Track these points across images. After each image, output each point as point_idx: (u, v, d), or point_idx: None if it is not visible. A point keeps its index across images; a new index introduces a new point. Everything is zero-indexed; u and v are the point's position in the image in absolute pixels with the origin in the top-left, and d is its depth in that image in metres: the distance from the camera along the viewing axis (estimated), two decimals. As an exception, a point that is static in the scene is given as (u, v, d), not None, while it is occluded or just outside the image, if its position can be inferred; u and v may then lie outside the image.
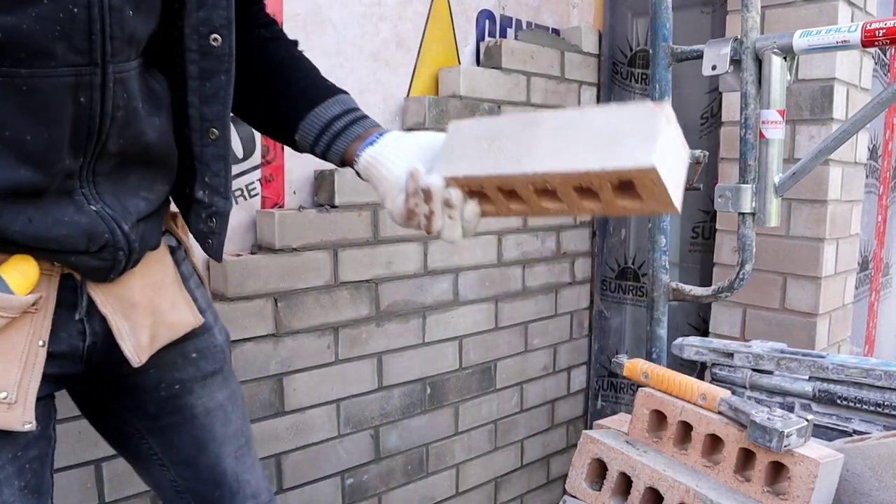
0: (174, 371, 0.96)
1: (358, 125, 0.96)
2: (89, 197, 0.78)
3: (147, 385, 0.95)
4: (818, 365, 1.38)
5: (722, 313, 2.13)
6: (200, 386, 0.98)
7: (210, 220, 0.92)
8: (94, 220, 0.78)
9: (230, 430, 1.01)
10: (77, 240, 0.77)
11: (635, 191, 0.72)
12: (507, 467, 2.40)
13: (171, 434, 0.97)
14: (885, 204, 2.51)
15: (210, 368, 0.99)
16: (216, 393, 1.00)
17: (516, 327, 2.34)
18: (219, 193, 0.91)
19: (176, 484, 1.00)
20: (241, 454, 1.03)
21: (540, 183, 0.77)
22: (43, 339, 0.78)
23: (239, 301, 1.62)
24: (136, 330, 0.87)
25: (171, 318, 0.92)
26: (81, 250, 0.78)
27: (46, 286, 0.78)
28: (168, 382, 0.95)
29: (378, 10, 1.95)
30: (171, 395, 0.96)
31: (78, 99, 0.72)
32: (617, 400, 2.62)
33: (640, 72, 2.43)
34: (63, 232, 0.76)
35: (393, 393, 1.99)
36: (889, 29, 1.23)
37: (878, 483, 1.15)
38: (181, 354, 0.96)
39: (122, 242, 0.80)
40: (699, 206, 2.27)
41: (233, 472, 1.01)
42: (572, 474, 1.34)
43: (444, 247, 2.06)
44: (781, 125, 1.40)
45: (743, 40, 1.41)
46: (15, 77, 0.68)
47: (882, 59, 2.28)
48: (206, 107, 0.85)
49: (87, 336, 0.84)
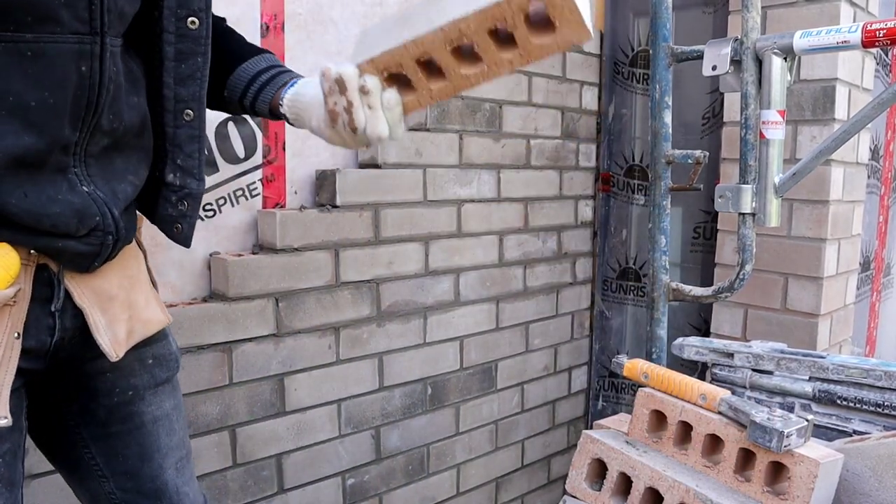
0: (130, 377, 0.94)
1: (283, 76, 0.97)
2: (81, 177, 0.78)
3: (102, 389, 0.93)
4: (818, 365, 1.38)
5: (723, 313, 2.12)
6: (152, 393, 0.97)
7: (181, 202, 0.92)
8: (86, 202, 0.78)
9: (173, 441, 1.00)
10: (68, 220, 0.77)
11: (548, 19, 0.75)
12: (508, 467, 2.40)
13: (116, 442, 0.95)
14: (886, 204, 2.51)
15: (163, 376, 0.99)
16: (164, 402, 0.99)
17: (517, 327, 2.34)
18: (192, 175, 0.92)
19: (114, 496, 0.97)
20: (181, 466, 1.02)
21: (456, 36, 0.78)
22: (18, 331, 0.78)
23: (240, 301, 1.63)
24: (113, 324, 0.86)
25: (146, 315, 0.93)
26: (71, 233, 0.78)
27: (23, 278, 0.78)
28: (122, 388, 0.94)
29: (380, 9, 1.96)
30: (124, 401, 0.94)
31: (80, 67, 0.73)
32: (618, 400, 2.61)
33: (641, 72, 2.43)
34: (56, 210, 0.76)
35: (394, 393, 1.99)
36: (890, 29, 1.23)
37: (878, 483, 1.15)
38: (139, 360, 0.95)
39: (111, 227, 0.81)
40: (700, 206, 2.27)
41: (173, 484, 1.00)
42: (572, 474, 1.34)
43: (445, 247, 2.06)
44: (782, 125, 1.39)
45: (743, 40, 1.41)
46: (20, 42, 0.69)
47: (884, 59, 2.27)
48: (182, 88, 0.86)
49: (55, 332, 0.83)
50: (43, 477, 1.36)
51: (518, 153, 2.25)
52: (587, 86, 2.46)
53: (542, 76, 2.28)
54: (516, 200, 2.27)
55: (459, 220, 2.09)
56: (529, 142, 2.28)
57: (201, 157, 0.93)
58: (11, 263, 0.75)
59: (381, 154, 1.88)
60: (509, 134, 2.21)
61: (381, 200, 1.88)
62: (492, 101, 2.14)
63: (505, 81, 2.17)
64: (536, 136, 2.30)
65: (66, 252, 0.79)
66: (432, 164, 2.00)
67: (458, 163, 2.07)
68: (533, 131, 2.29)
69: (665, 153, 1.60)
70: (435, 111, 1.98)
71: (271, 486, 1.74)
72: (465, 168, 2.09)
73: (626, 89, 2.48)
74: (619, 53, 2.49)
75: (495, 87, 2.14)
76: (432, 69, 0.82)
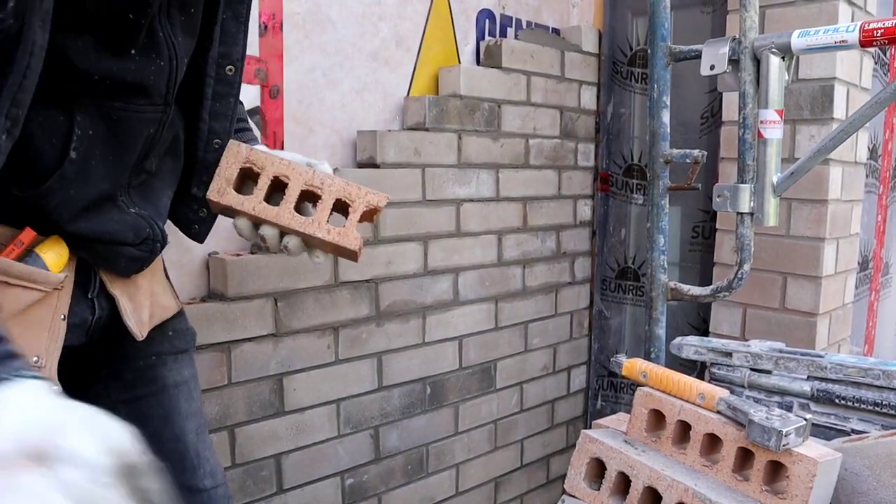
0: (153, 344, 1.05)
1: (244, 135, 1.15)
2: (127, 203, 0.93)
3: (130, 354, 1.04)
4: (817, 364, 1.38)
5: (722, 313, 2.13)
6: (172, 360, 1.09)
7: (201, 210, 1.06)
8: (136, 220, 0.93)
9: (192, 408, 1.10)
10: (125, 234, 0.92)
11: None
12: (507, 467, 2.41)
13: (142, 405, 1.05)
14: (884, 203, 2.51)
15: (182, 346, 1.11)
16: (184, 370, 1.10)
17: (516, 327, 2.34)
18: None
19: None
20: (201, 432, 1.11)
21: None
22: (64, 313, 0.88)
23: (239, 301, 1.63)
24: (138, 309, 1.00)
25: (163, 301, 1.07)
26: (129, 242, 0.92)
27: (69, 267, 0.89)
28: (147, 353, 1.06)
29: (378, 9, 1.96)
30: (148, 365, 1.06)
31: (150, 130, 0.89)
32: (617, 400, 2.62)
33: (639, 71, 2.44)
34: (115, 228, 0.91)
35: (393, 393, 1.99)
36: (887, 29, 1.23)
37: (877, 482, 1.15)
38: (160, 331, 1.07)
39: (159, 236, 0.97)
40: (699, 206, 2.27)
41: (194, 448, 1.08)
42: (571, 474, 1.34)
43: (444, 246, 2.06)
44: (780, 125, 1.40)
45: (741, 40, 1.41)
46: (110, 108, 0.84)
47: (882, 58, 2.28)
48: (215, 122, 1.01)
49: (95, 311, 0.94)
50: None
51: (517, 153, 2.25)
52: (586, 85, 2.46)
53: (540, 76, 2.28)
54: (515, 200, 2.27)
55: (458, 219, 2.09)
56: (528, 141, 2.28)
57: None
58: (63, 252, 0.87)
59: (379, 154, 1.88)
60: (508, 133, 2.21)
61: (380, 200, 1.87)
62: (490, 100, 2.14)
63: (503, 81, 2.17)
64: (535, 135, 2.30)
65: (124, 256, 0.93)
66: (431, 164, 2.00)
67: (457, 162, 2.07)
68: (531, 131, 2.29)
69: (663, 152, 1.60)
70: (434, 111, 1.99)
71: (270, 486, 1.74)
72: (463, 168, 2.09)
73: (625, 89, 2.48)
74: (617, 53, 2.49)
75: (494, 87, 2.14)
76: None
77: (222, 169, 0.98)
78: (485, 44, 2.22)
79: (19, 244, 0.83)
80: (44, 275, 0.84)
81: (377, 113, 1.99)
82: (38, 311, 0.85)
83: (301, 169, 0.99)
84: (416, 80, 2.08)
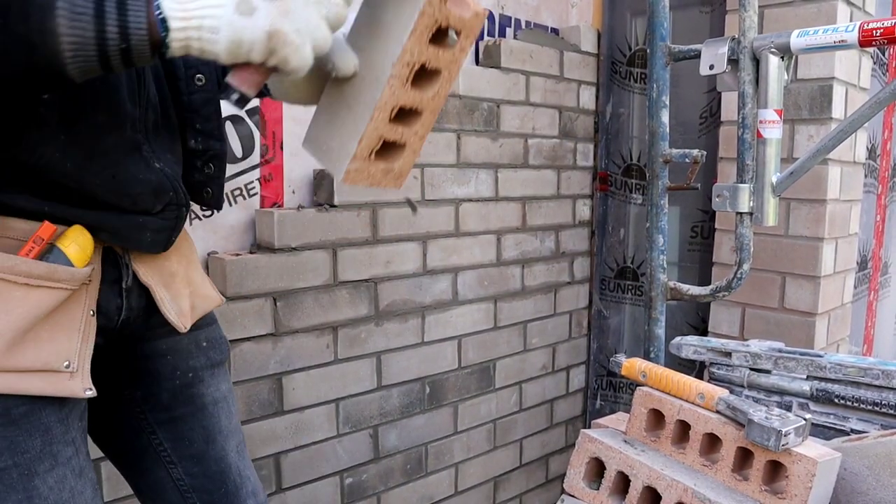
0: (188, 359, 0.98)
1: None
2: (150, 153, 0.84)
3: (163, 372, 0.97)
4: (816, 364, 1.38)
5: (721, 312, 2.13)
6: (210, 375, 1.01)
7: (207, 165, 0.95)
8: (160, 178, 0.84)
9: (232, 424, 1.03)
10: (147, 198, 0.83)
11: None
12: (506, 466, 2.41)
13: (182, 426, 0.98)
14: (883, 203, 2.51)
15: (217, 358, 1.03)
16: (221, 384, 1.03)
17: (515, 327, 2.34)
18: (213, 136, 0.95)
19: (182, 483, 0.99)
20: (241, 449, 1.04)
21: (407, 70, 0.75)
22: (93, 308, 0.82)
23: (238, 300, 1.63)
24: (177, 298, 0.92)
25: (204, 291, 0.98)
26: (149, 210, 0.84)
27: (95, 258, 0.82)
28: (183, 370, 0.98)
29: (377, 9, 1.95)
30: (185, 383, 0.98)
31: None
32: (616, 399, 2.62)
33: (638, 71, 2.44)
34: (138, 189, 0.82)
35: (392, 392, 1.99)
36: (886, 29, 1.23)
37: (876, 482, 1.16)
38: (194, 342, 0.99)
39: (182, 199, 0.88)
40: (698, 206, 2.27)
41: (236, 467, 1.02)
42: (570, 473, 1.34)
43: (443, 246, 2.06)
44: (779, 125, 1.40)
45: (741, 40, 1.41)
46: None
47: (881, 58, 2.28)
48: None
49: (122, 311, 0.87)
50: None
51: (516, 152, 2.25)
52: (585, 85, 2.46)
53: (539, 75, 2.28)
54: (514, 200, 2.27)
55: (457, 219, 2.09)
56: (527, 141, 2.28)
57: (219, 118, 0.96)
58: (87, 244, 0.80)
59: (378, 153, 1.88)
60: (507, 133, 2.21)
61: (379, 200, 1.88)
62: (489, 100, 2.14)
63: (502, 81, 2.17)
64: (534, 135, 2.30)
65: (148, 227, 0.84)
66: (430, 164, 2.00)
67: (456, 162, 2.07)
68: (530, 131, 2.29)
69: (662, 152, 1.60)
70: (433, 110, 1.98)
71: (269, 486, 1.74)
72: (462, 167, 2.09)
73: (624, 88, 2.48)
74: (616, 53, 2.49)
75: (493, 87, 2.14)
76: (404, 114, 0.78)
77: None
78: (484, 43, 2.22)
79: (39, 241, 0.76)
80: (69, 272, 0.77)
81: (376, 112, 1.99)
82: (66, 310, 0.79)
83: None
84: (416, 80, 2.08)
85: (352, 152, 0.75)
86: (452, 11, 0.73)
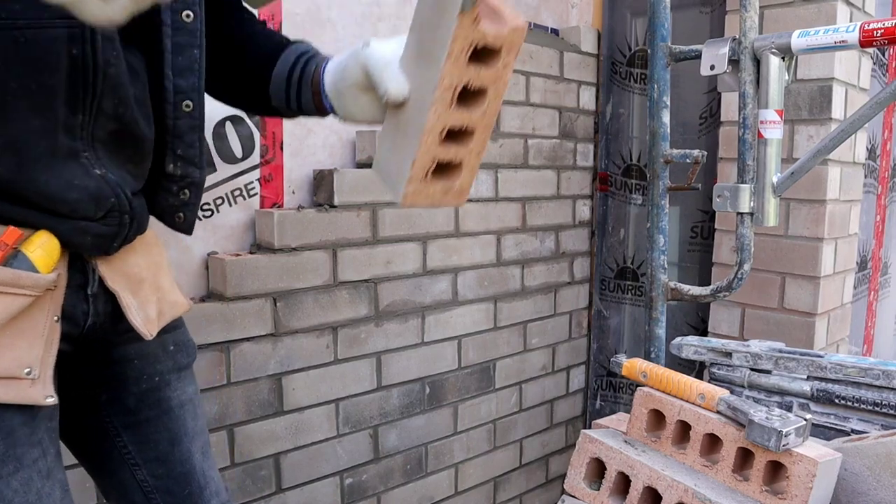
0: (156, 363, 0.98)
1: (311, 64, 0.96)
2: (92, 160, 0.81)
3: (130, 376, 0.97)
4: (816, 364, 1.38)
5: (721, 313, 2.13)
6: (176, 378, 1.01)
7: (182, 192, 0.94)
8: (101, 185, 0.81)
9: (198, 426, 1.04)
10: (86, 205, 0.80)
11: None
12: (506, 467, 2.40)
13: (147, 429, 0.98)
14: (883, 204, 2.51)
15: (185, 362, 1.03)
16: (188, 387, 1.03)
17: (515, 327, 2.34)
18: (193, 164, 0.94)
19: (146, 484, 1.00)
20: (205, 450, 1.05)
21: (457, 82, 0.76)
22: (57, 314, 0.81)
23: (238, 301, 1.62)
24: (144, 305, 0.91)
25: (172, 297, 0.97)
26: (90, 216, 0.81)
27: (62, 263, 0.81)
28: (150, 374, 0.98)
29: (377, 10, 1.95)
30: (152, 387, 0.98)
31: (71, 51, 0.75)
32: (616, 399, 2.62)
33: (638, 71, 2.44)
34: (74, 195, 0.78)
35: (392, 393, 1.99)
36: (887, 29, 1.23)
37: (876, 482, 1.16)
38: (162, 347, 0.99)
39: (126, 206, 0.84)
40: (698, 206, 2.27)
41: (200, 468, 1.03)
42: (571, 474, 1.34)
43: (443, 246, 2.06)
44: (779, 125, 1.40)
45: (741, 40, 1.41)
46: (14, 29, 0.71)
47: (881, 59, 2.28)
48: (181, 79, 0.88)
49: (89, 317, 0.86)
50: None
51: (516, 153, 2.25)
52: (585, 85, 2.46)
53: (539, 76, 2.28)
54: (514, 200, 2.27)
55: (457, 219, 2.09)
56: (527, 141, 2.28)
57: (202, 146, 0.94)
58: (53, 249, 0.78)
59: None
60: (507, 133, 2.21)
61: (379, 200, 1.88)
62: (490, 100, 2.13)
63: (503, 81, 2.16)
64: (534, 135, 2.30)
65: (89, 233, 0.82)
66: (430, 164, 1.99)
67: (456, 162, 2.06)
68: (531, 131, 2.29)
69: (663, 153, 1.60)
70: (433, 111, 1.98)
71: (269, 486, 1.74)
72: (462, 168, 2.08)
73: (624, 89, 2.48)
74: (616, 53, 2.49)
75: (493, 87, 2.14)
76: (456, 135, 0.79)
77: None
78: (484, 44, 2.21)
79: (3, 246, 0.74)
80: (33, 278, 0.76)
81: (376, 113, 1.99)
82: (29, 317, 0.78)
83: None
84: (416, 80, 2.08)
85: (406, 176, 0.78)
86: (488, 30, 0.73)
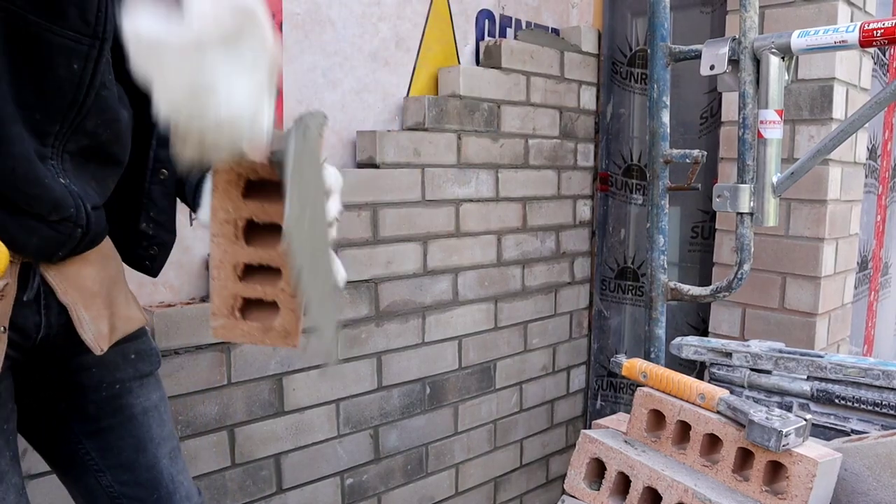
0: (115, 371, 0.98)
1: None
2: (58, 169, 0.81)
3: (89, 384, 0.97)
4: (816, 364, 1.38)
5: (721, 313, 2.13)
6: (138, 385, 1.01)
7: (152, 248, 0.99)
8: (64, 193, 0.81)
9: (165, 432, 1.04)
10: (43, 204, 0.79)
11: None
12: (507, 467, 2.41)
13: (109, 436, 0.98)
14: (884, 204, 2.51)
15: (146, 370, 1.03)
16: (151, 394, 1.03)
17: (516, 327, 2.34)
18: (165, 228, 0.99)
19: (111, 490, 1.00)
20: (174, 455, 1.05)
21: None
22: (4, 325, 0.80)
23: (238, 301, 1.62)
24: (96, 320, 0.90)
25: (126, 312, 0.97)
26: (43, 215, 0.80)
27: (10, 273, 0.80)
28: (109, 382, 0.98)
29: (377, 9, 1.96)
30: (112, 395, 0.98)
31: (72, 64, 0.77)
32: (616, 399, 2.62)
33: (639, 71, 2.44)
34: (36, 191, 0.78)
35: (392, 393, 1.99)
36: (887, 29, 1.23)
37: (876, 482, 1.16)
38: (122, 355, 0.99)
39: (83, 220, 0.84)
40: (698, 206, 2.27)
41: (168, 473, 1.03)
42: (571, 474, 1.34)
43: (443, 246, 2.06)
44: (779, 125, 1.40)
45: (741, 40, 1.41)
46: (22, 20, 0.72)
47: (881, 58, 2.28)
48: (162, 149, 0.93)
49: (41, 328, 0.86)
50: (42, 477, 1.36)
51: (516, 153, 2.25)
52: (585, 85, 2.46)
53: (540, 76, 2.28)
54: (514, 200, 2.27)
55: (458, 219, 2.09)
56: (528, 141, 2.28)
57: (173, 212, 1.00)
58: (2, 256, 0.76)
59: (379, 154, 1.88)
60: (507, 133, 2.21)
61: (379, 200, 1.88)
62: (490, 100, 2.14)
63: (503, 81, 2.17)
64: (534, 135, 2.30)
65: (36, 234, 0.81)
66: (430, 164, 2.00)
67: (457, 162, 2.07)
68: (531, 131, 2.29)
69: (663, 153, 1.60)
70: (433, 111, 1.98)
71: (270, 486, 1.74)
72: (463, 168, 2.09)
73: (624, 89, 2.48)
74: (617, 53, 2.49)
75: (493, 87, 2.14)
76: (259, 271, 0.74)
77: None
78: (484, 44, 2.22)
79: None
80: None
81: (377, 113, 1.99)
82: None
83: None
84: (416, 81, 2.08)
85: (211, 309, 0.74)
86: (257, 162, 0.69)
